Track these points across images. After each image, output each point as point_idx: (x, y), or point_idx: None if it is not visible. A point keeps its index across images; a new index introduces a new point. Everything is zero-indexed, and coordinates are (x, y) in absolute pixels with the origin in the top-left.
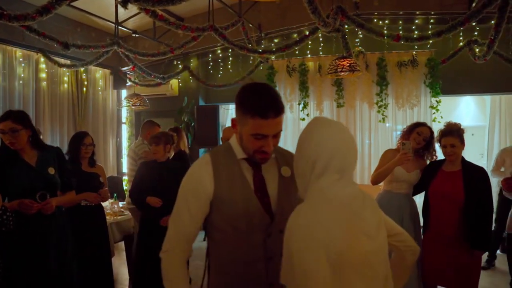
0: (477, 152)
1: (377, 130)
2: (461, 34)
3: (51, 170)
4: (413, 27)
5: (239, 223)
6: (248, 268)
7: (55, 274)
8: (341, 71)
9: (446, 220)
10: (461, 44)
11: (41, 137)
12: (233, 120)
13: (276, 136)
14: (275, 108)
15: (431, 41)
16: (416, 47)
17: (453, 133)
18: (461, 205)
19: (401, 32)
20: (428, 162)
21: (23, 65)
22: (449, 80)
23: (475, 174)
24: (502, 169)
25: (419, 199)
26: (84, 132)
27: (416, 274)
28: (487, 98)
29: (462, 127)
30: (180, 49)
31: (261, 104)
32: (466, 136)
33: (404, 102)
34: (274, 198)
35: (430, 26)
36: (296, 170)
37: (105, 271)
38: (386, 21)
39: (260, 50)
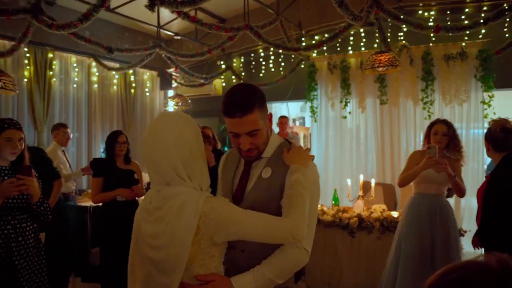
0: None
1: (423, 128)
2: None
3: None
4: (463, 17)
5: None
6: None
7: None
8: (378, 67)
9: None
10: None
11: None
12: None
13: (252, 134)
14: (241, 108)
15: (482, 31)
16: (466, 38)
17: None
18: None
19: (449, 23)
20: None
21: (76, 70)
22: (504, 72)
23: None
24: None
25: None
26: (118, 131)
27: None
28: None
29: None
30: (217, 49)
31: (227, 103)
32: None
33: (452, 98)
34: (245, 198)
35: (482, 15)
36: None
37: None
38: (432, 12)
39: (298, 47)
